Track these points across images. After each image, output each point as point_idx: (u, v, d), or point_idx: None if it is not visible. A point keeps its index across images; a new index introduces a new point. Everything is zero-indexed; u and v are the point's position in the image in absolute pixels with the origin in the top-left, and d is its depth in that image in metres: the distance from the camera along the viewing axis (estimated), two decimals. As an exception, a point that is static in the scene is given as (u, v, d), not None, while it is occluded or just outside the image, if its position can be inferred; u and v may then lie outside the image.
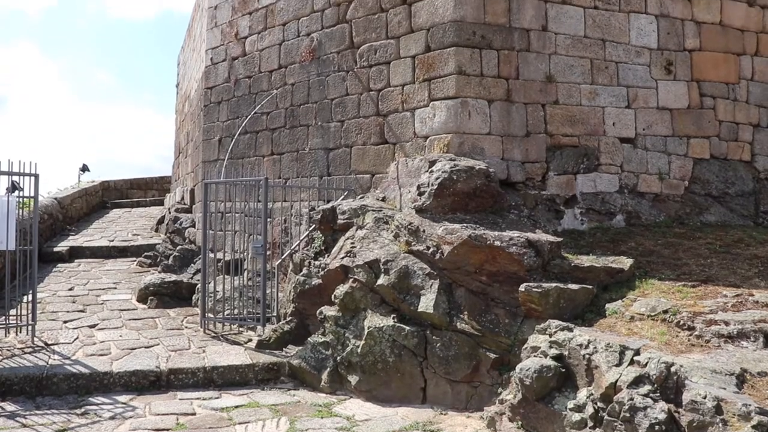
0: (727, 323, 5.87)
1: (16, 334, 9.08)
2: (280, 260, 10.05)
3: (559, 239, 7.65)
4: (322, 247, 9.25)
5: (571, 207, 9.43)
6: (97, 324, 9.97)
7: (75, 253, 14.70)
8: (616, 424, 5.01)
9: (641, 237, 8.99)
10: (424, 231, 7.75)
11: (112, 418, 6.78)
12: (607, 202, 9.65)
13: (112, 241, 15.95)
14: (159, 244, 14.66)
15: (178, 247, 13.50)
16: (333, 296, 8.10)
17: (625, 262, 7.53)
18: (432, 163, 8.60)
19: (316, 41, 10.99)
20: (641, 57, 10.15)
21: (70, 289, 11.99)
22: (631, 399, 4.95)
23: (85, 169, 24.36)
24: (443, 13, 9.20)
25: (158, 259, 13.72)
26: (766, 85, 11.25)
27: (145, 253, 14.28)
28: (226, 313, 9.98)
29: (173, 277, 11.84)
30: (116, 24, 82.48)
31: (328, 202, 9.95)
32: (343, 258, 8.31)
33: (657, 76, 10.25)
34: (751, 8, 11.13)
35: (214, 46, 13.40)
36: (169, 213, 16.04)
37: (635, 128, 10.01)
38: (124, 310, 10.85)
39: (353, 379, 7.56)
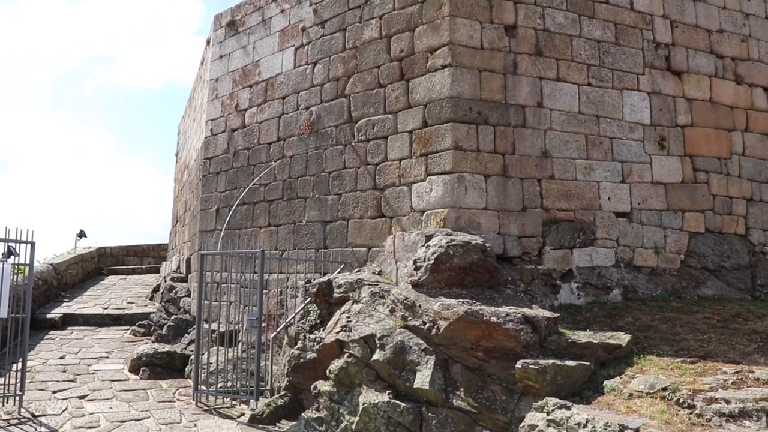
0: (728, 401, 5.79)
1: (3, 405, 8.94)
2: (275, 333, 9.97)
3: (556, 315, 7.61)
4: (318, 321, 9.19)
5: (567, 281, 9.42)
6: (87, 395, 9.81)
7: (68, 321, 14.58)
8: None
9: (638, 311, 8.95)
10: (420, 306, 7.71)
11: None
12: (604, 276, 9.65)
13: (107, 308, 15.84)
14: (153, 313, 14.55)
15: (173, 317, 13.40)
16: (328, 371, 8.01)
17: (623, 338, 7.47)
18: (428, 237, 8.63)
19: (315, 115, 11.17)
20: (635, 132, 10.32)
21: (62, 358, 11.84)
22: (632, 485, 4.85)
23: (82, 234, 24.38)
24: (440, 90, 9.38)
25: (152, 329, 13.61)
26: (758, 159, 11.41)
27: (139, 322, 14.16)
28: (219, 385, 9.84)
29: (166, 348, 11.72)
30: (122, 92, 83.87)
31: (325, 274, 9.93)
32: (338, 332, 8.24)
33: (651, 151, 10.40)
34: (739, 86, 11.40)
35: (215, 117, 13.60)
36: (165, 282, 15.98)
37: (630, 203, 10.09)
38: (116, 380, 10.70)
39: (348, 457, 7.41)
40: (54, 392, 9.87)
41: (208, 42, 15.00)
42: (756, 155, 11.42)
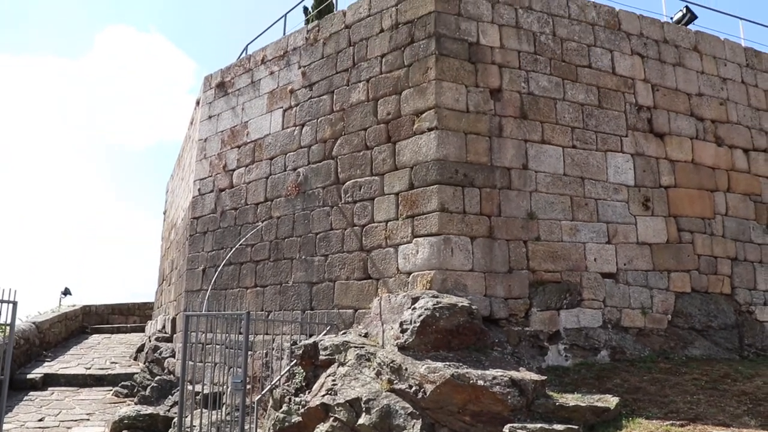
0: (717, 468, 5.74)
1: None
2: (260, 395, 9.82)
3: (543, 377, 7.56)
4: (303, 383, 9.07)
5: (554, 343, 9.38)
6: (66, 461, 9.59)
7: (49, 381, 14.32)
8: None
9: (626, 373, 8.90)
10: (406, 369, 7.65)
11: None
12: (591, 337, 9.62)
13: (89, 368, 15.58)
14: (137, 373, 14.33)
15: (157, 378, 13.19)
16: (313, 436, 7.87)
17: (611, 401, 7.42)
18: (415, 299, 8.61)
19: (302, 176, 11.24)
20: (619, 194, 10.44)
21: (41, 420, 11.60)
22: None
23: (67, 292, 24.15)
24: (426, 152, 9.49)
25: (135, 390, 13.37)
26: (740, 219, 11.55)
27: (122, 383, 13.92)
28: (202, 450, 9.63)
29: (149, 410, 11.50)
30: (112, 148, 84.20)
31: (311, 336, 9.85)
32: (324, 395, 8.14)
33: (635, 212, 10.50)
34: (720, 148, 11.63)
35: (203, 177, 13.65)
36: (150, 341, 15.78)
37: (616, 263, 10.13)
38: (96, 445, 10.47)
39: None
40: (31, 458, 9.65)
41: (197, 102, 15.16)
42: (739, 215, 11.55)
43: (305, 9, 17.48)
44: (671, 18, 12.83)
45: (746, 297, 11.23)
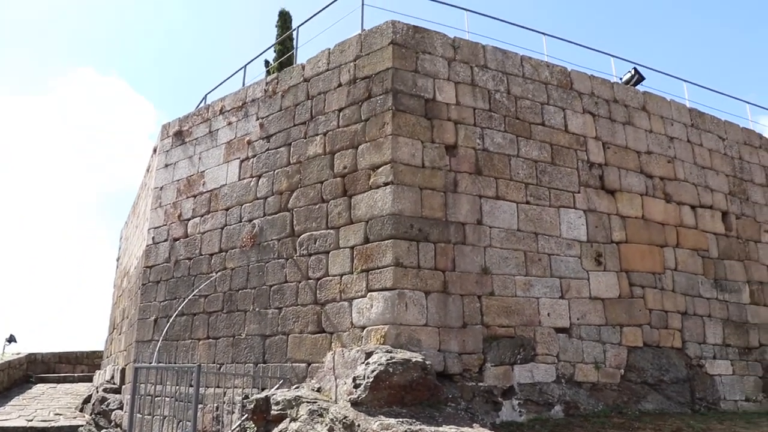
0: None
1: None
2: (210, 452, 9.60)
3: (497, 436, 7.54)
4: (255, 440, 8.89)
5: (509, 398, 9.37)
6: None
7: (-13, 436, 13.77)
8: None
9: (580, 428, 8.93)
10: (359, 425, 7.54)
11: None
12: (545, 392, 9.64)
13: (31, 420, 15.02)
14: (82, 426, 13.88)
15: (103, 431, 12.80)
16: (263, 497, 7.69)
17: (564, 460, 7.41)
18: (368, 354, 8.54)
19: (258, 227, 11.18)
20: (572, 249, 10.59)
21: (-22, 480, 11.11)
22: None
23: (11, 339, 23.47)
24: (382, 206, 9.53)
25: (81, 445, 12.94)
26: (690, 274, 11.80)
27: (67, 438, 13.47)
28: None
29: (95, 467, 11.13)
30: (67, 191, 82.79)
31: (263, 390, 9.68)
32: (275, 454, 7.97)
33: (588, 267, 10.65)
34: (668, 204, 11.95)
35: (157, 225, 13.48)
36: (97, 392, 15.32)
37: (570, 318, 10.23)
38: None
39: None
40: None
41: (154, 150, 15.05)
42: (688, 270, 11.81)
43: (266, 62, 17.66)
44: (620, 78, 13.27)
45: (696, 351, 11.41)
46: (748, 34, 63.17)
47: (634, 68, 13.39)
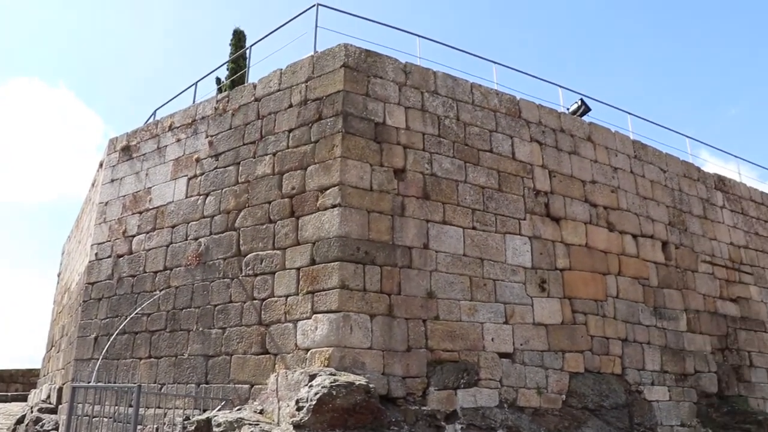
0: None
1: None
2: (147, 475, 9.38)
3: (438, 461, 7.55)
4: (194, 463, 8.73)
5: (452, 422, 9.40)
6: None
7: None
8: None
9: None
10: (300, 450, 7.49)
11: None
12: (488, 417, 9.69)
13: (-39, 442, 14.51)
14: (16, 448, 13.44)
15: (37, 453, 12.41)
16: None
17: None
18: (312, 377, 8.50)
19: (204, 246, 11.06)
20: (517, 275, 10.73)
21: None
22: None
23: (-56, 356, 22.64)
24: (329, 228, 9.53)
25: (12, 467, 12.51)
26: (630, 302, 12.06)
27: (-2, 460, 13.02)
28: None
29: (26, 491, 10.77)
30: (7, 203, 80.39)
31: (205, 411, 9.52)
32: (214, 478, 7.84)
33: (532, 293, 10.80)
34: (611, 233, 12.22)
35: (101, 241, 13.21)
36: (32, 412, 14.85)
37: (513, 343, 10.34)
38: None
39: None
40: None
41: (100, 164, 14.80)
42: (629, 298, 12.07)
43: (217, 79, 17.57)
44: (568, 109, 13.57)
45: (635, 377, 11.63)
46: (689, 71, 65.54)
47: (581, 99, 13.72)
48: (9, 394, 21.40)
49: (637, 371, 11.71)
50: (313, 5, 11.18)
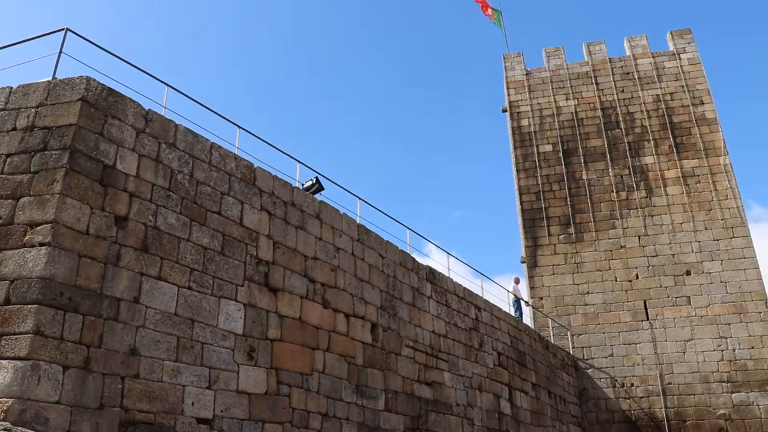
0: None
1: None
2: None
3: None
4: None
5: (135, 489, 8.91)
6: None
7: None
8: None
9: None
10: None
11: None
12: (175, 484, 9.34)
13: None
14: None
15: None
16: None
17: None
18: (-18, 430, 7.63)
19: None
20: (227, 341, 10.65)
21: None
22: None
23: None
24: (33, 268, 8.75)
25: None
26: (335, 378, 12.51)
27: None
28: None
29: None
30: None
31: None
32: None
33: (240, 361, 10.77)
34: (325, 310, 12.71)
35: None
36: None
37: (214, 410, 10.14)
38: None
39: None
40: None
41: None
42: (334, 374, 12.52)
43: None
44: (302, 184, 14.08)
45: (330, 452, 11.96)
46: (423, 176, 73.04)
47: (316, 177, 14.32)
48: None
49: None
50: (62, 29, 10.50)
